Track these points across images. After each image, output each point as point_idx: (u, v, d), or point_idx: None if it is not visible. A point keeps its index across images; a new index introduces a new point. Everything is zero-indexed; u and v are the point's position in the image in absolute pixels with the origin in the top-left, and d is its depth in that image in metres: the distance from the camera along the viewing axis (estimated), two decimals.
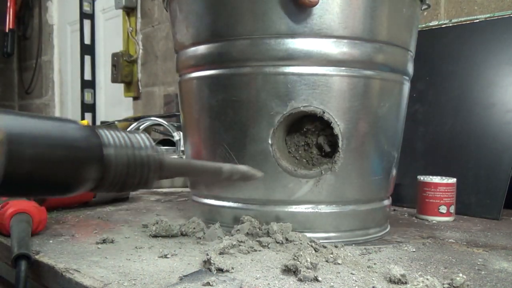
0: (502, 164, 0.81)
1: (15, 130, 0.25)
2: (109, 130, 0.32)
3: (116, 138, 0.31)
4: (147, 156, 0.32)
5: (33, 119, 0.27)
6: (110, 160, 0.30)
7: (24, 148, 0.25)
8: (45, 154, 0.26)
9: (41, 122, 0.27)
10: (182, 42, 0.64)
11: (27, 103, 3.33)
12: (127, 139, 0.32)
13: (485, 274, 0.47)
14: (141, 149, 0.32)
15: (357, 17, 0.55)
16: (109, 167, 0.30)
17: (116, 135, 0.32)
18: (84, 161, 0.29)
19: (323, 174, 0.57)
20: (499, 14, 0.91)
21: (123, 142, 0.31)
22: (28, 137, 0.26)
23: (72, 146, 0.28)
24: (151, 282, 0.42)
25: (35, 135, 0.26)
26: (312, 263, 0.45)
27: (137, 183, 0.32)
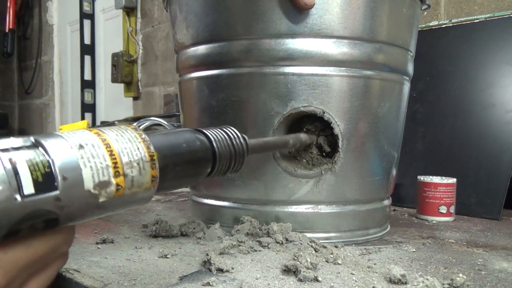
0: (502, 164, 0.81)
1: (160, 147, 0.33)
2: (211, 130, 0.41)
3: (218, 135, 0.40)
4: (239, 143, 0.42)
5: (166, 136, 0.36)
6: (218, 154, 0.39)
7: (167, 158, 0.34)
8: (179, 160, 0.35)
9: (171, 136, 0.37)
10: (182, 42, 0.64)
11: (27, 103, 3.34)
12: (224, 134, 0.41)
13: (485, 274, 0.47)
14: (234, 139, 0.42)
15: (357, 17, 0.55)
16: (219, 159, 0.40)
17: (217, 132, 0.41)
18: (203, 158, 0.38)
19: (323, 174, 0.57)
20: (499, 14, 0.91)
21: (222, 137, 0.41)
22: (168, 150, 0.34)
23: (194, 150, 0.37)
24: (151, 282, 0.42)
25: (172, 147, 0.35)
26: (312, 263, 0.45)
27: (235, 166, 0.42)
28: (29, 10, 3.17)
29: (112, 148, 0.30)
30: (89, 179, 0.28)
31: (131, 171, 0.30)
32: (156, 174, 0.32)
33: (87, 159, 0.28)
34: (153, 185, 0.32)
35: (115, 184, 0.29)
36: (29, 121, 3.31)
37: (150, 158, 0.31)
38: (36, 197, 0.26)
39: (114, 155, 0.29)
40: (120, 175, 0.29)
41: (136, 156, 0.31)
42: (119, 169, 0.29)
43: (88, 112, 2.66)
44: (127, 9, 2.27)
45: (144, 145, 0.31)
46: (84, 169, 0.28)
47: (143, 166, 0.31)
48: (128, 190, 0.30)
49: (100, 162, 0.29)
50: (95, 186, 0.28)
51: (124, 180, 0.30)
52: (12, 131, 3.34)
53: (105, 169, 0.29)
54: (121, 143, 0.30)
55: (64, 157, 0.27)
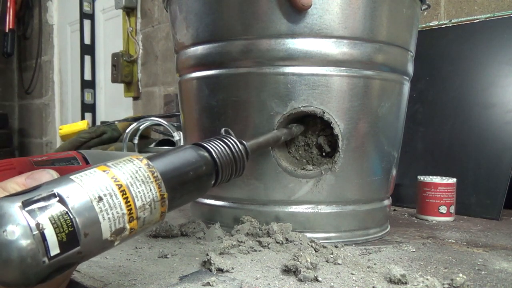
0: (502, 164, 0.81)
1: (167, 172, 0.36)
2: (211, 143, 0.43)
3: (218, 147, 0.43)
4: (239, 151, 0.44)
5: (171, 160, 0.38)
6: (220, 166, 0.42)
7: (171, 178, 0.36)
8: (186, 179, 0.38)
9: (175, 158, 0.39)
10: (182, 42, 0.64)
11: (27, 103, 3.34)
12: (223, 145, 0.43)
13: (485, 274, 0.47)
14: (233, 147, 0.44)
15: (357, 17, 0.55)
16: (221, 171, 0.42)
17: (217, 144, 0.43)
18: (206, 173, 0.41)
19: (323, 174, 0.57)
20: (499, 14, 0.91)
21: (223, 148, 0.43)
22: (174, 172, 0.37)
23: (198, 166, 0.40)
24: (151, 282, 0.42)
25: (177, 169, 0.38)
26: (312, 263, 0.45)
27: (237, 172, 0.45)
28: (29, 10, 3.17)
29: (128, 195, 0.32)
30: (106, 230, 0.30)
31: (143, 213, 0.33)
32: (165, 210, 0.35)
33: (105, 211, 0.30)
34: (161, 218, 0.35)
35: (129, 229, 0.32)
36: (29, 121, 3.31)
37: (161, 198, 0.34)
38: (61, 256, 0.28)
39: (129, 202, 0.32)
40: (134, 219, 0.32)
41: (148, 198, 0.33)
42: (133, 214, 0.32)
43: (88, 112, 2.66)
44: (127, 9, 2.27)
45: (156, 185, 0.34)
46: (102, 222, 0.30)
47: (154, 206, 0.34)
48: (140, 228, 0.33)
49: (117, 212, 0.31)
50: (112, 234, 0.31)
51: (137, 223, 0.32)
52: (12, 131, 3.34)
53: (121, 218, 0.31)
54: (135, 186, 0.33)
55: (86, 213, 0.29)
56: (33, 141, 3.28)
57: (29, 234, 0.27)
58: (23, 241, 0.27)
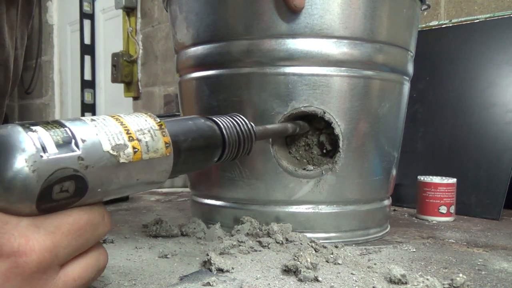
0: (502, 164, 0.81)
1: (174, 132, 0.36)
2: (220, 117, 0.44)
3: (227, 122, 0.43)
4: (247, 129, 0.45)
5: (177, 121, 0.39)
6: (228, 139, 0.42)
7: (179, 141, 0.37)
8: (192, 144, 0.39)
9: (182, 122, 0.40)
10: (182, 42, 0.64)
11: (27, 103, 3.34)
12: (232, 121, 0.44)
13: (485, 274, 0.47)
14: (242, 125, 0.45)
15: (358, 17, 0.55)
16: (228, 144, 0.42)
17: (226, 119, 0.44)
18: (213, 144, 0.41)
19: (324, 174, 0.57)
20: (499, 14, 0.91)
21: (231, 124, 0.44)
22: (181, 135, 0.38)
23: (205, 135, 0.40)
24: (151, 282, 0.42)
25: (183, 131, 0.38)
26: (312, 263, 0.45)
27: (244, 151, 0.45)
28: None
29: (122, 119, 0.33)
30: (106, 141, 0.31)
31: (143, 137, 0.33)
32: (168, 141, 0.35)
33: (100, 127, 0.31)
34: (168, 151, 0.35)
35: (132, 147, 0.32)
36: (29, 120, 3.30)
37: (159, 127, 0.35)
38: (60, 155, 0.29)
39: (124, 124, 0.33)
40: (134, 139, 0.33)
41: (145, 125, 0.34)
42: (132, 135, 0.33)
43: (88, 112, 2.66)
44: (127, 9, 2.27)
45: (151, 118, 0.35)
46: (99, 133, 0.31)
47: (154, 134, 0.34)
48: (146, 154, 0.33)
49: (112, 129, 0.32)
50: (113, 147, 0.31)
51: (139, 144, 0.33)
52: None
53: (119, 134, 0.32)
54: (129, 117, 0.34)
55: (79, 126, 0.31)
56: None
57: (27, 136, 0.28)
58: (21, 141, 0.28)
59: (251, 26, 0.56)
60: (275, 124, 0.55)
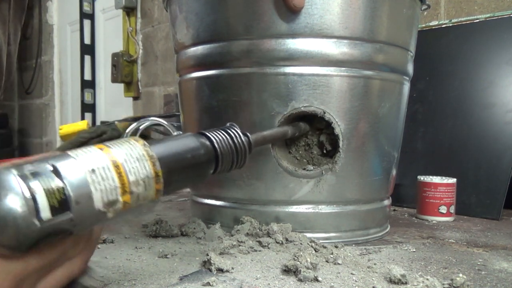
0: (502, 164, 0.81)
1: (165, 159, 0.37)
2: (213, 132, 0.44)
3: (220, 136, 0.43)
4: (241, 142, 0.45)
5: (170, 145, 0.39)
6: (221, 154, 0.43)
7: (168, 160, 0.37)
8: (183, 167, 0.39)
9: (174, 144, 0.40)
10: (182, 42, 0.64)
11: (27, 103, 3.33)
12: (225, 134, 0.44)
13: (485, 274, 0.47)
14: (236, 137, 0.45)
15: (358, 17, 0.55)
16: (221, 159, 0.43)
17: (219, 133, 0.44)
18: (205, 161, 0.42)
19: (324, 174, 0.57)
20: (499, 14, 0.91)
21: (224, 138, 0.44)
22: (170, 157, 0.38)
23: (197, 155, 0.40)
24: (151, 282, 0.42)
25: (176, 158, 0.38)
26: (312, 263, 0.45)
27: (238, 164, 0.45)
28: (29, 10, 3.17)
29: (121, 170, 0.33)
30: (98, 200, 0.32)
31: (137, 189, 0.34)
32: (160, 188, 0.35)
33: (97, 183, 0.32)
34: (157, 197, 0.36)
35: (122, 202, 0.33)
36: (29, 121, 3.31)
37: (155, 175, 0.35)
38: (52, 221, 0.30)
39: (122, 176, 0.33)
40: (127, 193, 0.33)
41: (142, 174, 0.34)
42: (126, 188, 0.33)
43: (88, 112, 2.66)
44: (127, 9, 2.27)
45: (150, 163, 0.35)
46: (95, 192, 0.31)
47: (148, 183, 0.34)
48: (134, 204, 0.34)
49: (109, 184, 0.32)
50: (104, 205, 0.32)
51: (130, 198, 0.33)
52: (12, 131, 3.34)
53: (114, 190, 0.32)
54: (130, 162, 0.34)
55: (77, 183, 0.31)
56: (33, 141, 3.28)
57: (21, 197, 0.28)
58: (15, 203, 0.28)
59: (251, 26, 0.56)
60: (273, 128, 0.55)
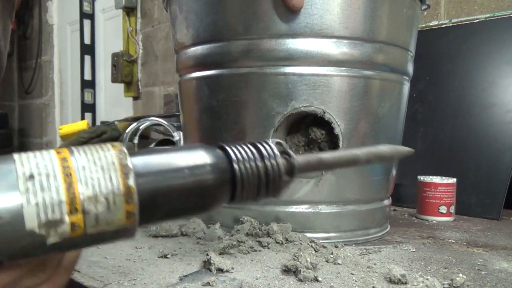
0: (502, 164, 0.81)
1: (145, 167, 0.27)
2: (235, 146, 0.31)
3: (242, 151, 0.31)
4: (275, 164, 0.32)
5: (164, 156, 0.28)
6: (240, 178, 0.30)
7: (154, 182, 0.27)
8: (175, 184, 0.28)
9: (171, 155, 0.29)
10: (182, 42, 0.64)
11: (27, 103, 3.33)
12: (252, 149, 0.31)
13: (485, 274, 0.47)
14: (267, 158, 0.31)
15: (358, 17, 0.55)
16: (241, 185, 0.30)
17: (243, 150, 0.31)
18: (214, 183, 0.29)
19: (324, 174, 0.57)
20: (499, 14, 0.91)
21: (250, 156, 0.31)
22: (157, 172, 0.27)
23: (200, 172, 0.29)
24: (151, 282, 0.42)
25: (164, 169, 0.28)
26: (312, 263, 0.45)
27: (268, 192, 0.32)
28: (29, 10, 3.17)
29: (73, 178, 0.25)
30: (32, 218, 0.24)
31: (94, 207, 0.25)
32: (133, 210, 0.26)
33: (33, 194, 0.24)
34: (129, 221, 0.26)
35: (69, 224, 0.25)
36: (29, 121, 3.31)
37: (126, 190, 0.26)
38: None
39: (73, 187, 0.25)
40: (78, 211, 0.25)
41: (104, 188, 0.25)
42: (77, 205, 0.25)
43: (88, 112, 2.66)
44: (127, 9, 2.27)
45: (120, 174, 0.26)
46: (26, 206, 0.24)
47: (113, 201, 0.26)
48: (92, 228, 0.25)
49: (51, 197, 0.24)
50: (40, 225, 0.24)
51: (83, 218, 0.25)
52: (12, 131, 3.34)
53: (57, 206, 0.24)
54: (89, 171, 0.25)
55: (4, 192, 0.24)
56: (33, 141, 3.28)
57: None
58: None
59: (251, 26, 0.56)
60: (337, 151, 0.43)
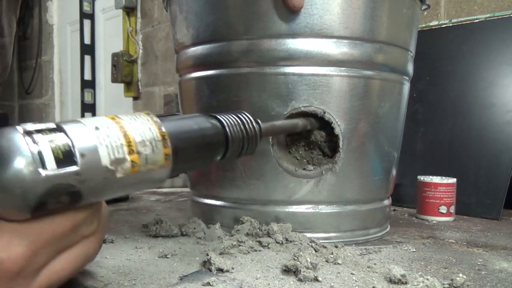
0: (502, 164, 0.81)
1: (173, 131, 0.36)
2: (225, 115, 0.42)
3: (231, 119, 0.42)
4: (252, 127, 0.44)
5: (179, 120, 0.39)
6: (231, 137, 0.41)
7: (180, 140, 0.36)
8: (192, 142, 0.38)
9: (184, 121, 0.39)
10: (182, 42, 0.64)
11: (27, 103, 3.34)
12: (236, 118, 0.43)
13: (485, 274, 0.47)
14: (247, 123, 0.43)
15: (358, 17, 0.55)
16: (231, 142, 0.41)
17: (230, 117, 0.42)
18: (215, 142, 0.40)
19: (324, 174, 0.57)
20: (499, 14, 0.91)
21: (236, 122, 0.42)
22: (181, 134, 0.37)
23: (207, 133, 0.40)
24: (151, 282, 0.42)
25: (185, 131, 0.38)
26: (312, 263, 0.45)
27: (248, 149, 0.44)
28: (29, 10, 3.17)
29: (125, 129, 0.32)
30: (105, 156, 0.31)
31: (144, 149, 0.33)
32: (169, 152, 0.34)
33: (102, 139, 0.31)
34: (166, 162, 0.34)
35: (130, 161, 0.32)
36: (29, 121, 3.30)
37: (162, 138, 0.34)
38: (58, 172, 0.29)
39: (127, 135, 0.32)
40: (134, 153, 0.32)
41: (148, 136, 0.33)
42: (133, 148, 0.32)
43: (88, 112, 2.66)
44: (127, 9, 2.27)
45: (155, 127, 0.34)
46: (100, 147, 0.31)
47: (155, 145, 0.34)
48: (143, 167, 0.33)
49: (114, 141, 0.31)
50: (112, 162, 0.31)
51: (138, 158, 0.32)
52: None
53: (120, 148, 0.32)
54: (134, 125, 0.33)
55: (82, 138, 0.30)
56: None
57: (26, 151, 0.28)
58: (20, 158, 0.28)
59: (251, 26, 0.56)
60: (284, 120, 0.55)
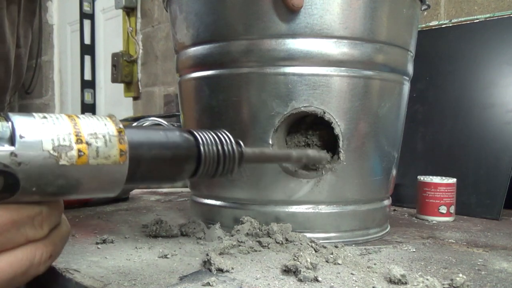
0: (502, 164, 0.81)
1: (136, 137, 0.34)
2: (202, 132, 0.40)
3: (207, 136, 0.39)
4: (231, 149, 0.40)
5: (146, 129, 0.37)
6: (204, 155, 0.38)
7: (143, 153, 0.34)
8: (157, 153, 0.35)
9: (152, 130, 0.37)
10: (182, 42, 0.64)
11: (27, 103, 3.34)
12: (214, 137, 0.40)
13: (485, 274, 0.47)
14: (226, 144, 0.40)
15: (358, 17, 0.55)
16: (204, 160, 0.38)
17: (208, 135, 0.40)
18: (184, 156, 0.38)
19: (324, 174, 0.57)
20: (499, 14, 0.91)
21: (212, 140, 0.39)
22: (145, 144, 0.35)
23: (175, 145, 0.37)
24: (151, 282, 0.42)
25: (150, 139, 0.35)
26: (312, 263, 0.45)
27: (223, 172, 0.40)
28: None
29: (76, 121, 0.31)
30: (48, 141, 0.29)
31: (95, 141, 0.31)
32: (125, 149, 0.32)
33: (48, 125, 0.30)
34: (122, 159, 0.32)
35: (77, 150, 0.30)
36: None
37: (118, 133, 0.32)
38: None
39: (78, 126, 0.31)
40: (83, 142, 0.30)
41: (101, 130, 0.32)
42: (82, 138, 0.30)
43: (88, 112, 2.66)
44: (127, 9, 2.27)
45: (112, 124, 0.32)
46: (44, 132, 0.29)
47: (109, 139, 0.32)
48: (94, 159, 0.31)
49: (61, 129, 0.30)
50: (55, 148, 0.29)
51: (87, 148, 0.31)
52: None
53: (66, 135, 0.30)
54: (88, 120, 0.32)
55: (25, 122, 0.29)
56: None
57: None
58: None
59: (251, 26, 0.56)
60: (276, 149, 0.55)
